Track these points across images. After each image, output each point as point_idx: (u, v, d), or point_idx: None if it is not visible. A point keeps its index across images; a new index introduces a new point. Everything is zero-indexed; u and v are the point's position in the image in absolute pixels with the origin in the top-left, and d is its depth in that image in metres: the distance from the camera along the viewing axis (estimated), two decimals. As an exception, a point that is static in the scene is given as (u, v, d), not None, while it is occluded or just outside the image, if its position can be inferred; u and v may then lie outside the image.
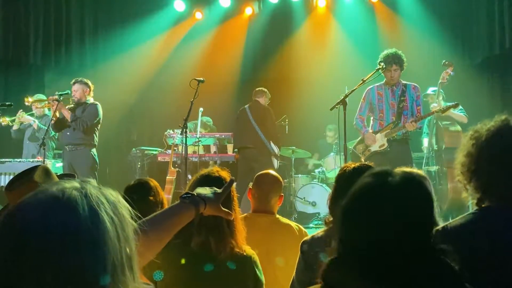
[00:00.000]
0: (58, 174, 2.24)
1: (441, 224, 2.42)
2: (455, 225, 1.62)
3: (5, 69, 7.62)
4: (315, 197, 6.99)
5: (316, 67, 8.16)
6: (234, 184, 2.00)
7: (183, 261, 1.89)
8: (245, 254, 2.00)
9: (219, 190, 1.49)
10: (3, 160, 6.01)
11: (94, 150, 5.92)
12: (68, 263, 0.79)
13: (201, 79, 5.30)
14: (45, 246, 0.78)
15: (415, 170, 2.44)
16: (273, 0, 8.38)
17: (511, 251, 1.52)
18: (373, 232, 1.12)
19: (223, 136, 6.91)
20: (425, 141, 6.38)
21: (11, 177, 2.58)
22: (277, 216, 2.67)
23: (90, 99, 5.96)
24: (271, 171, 2.81)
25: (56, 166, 6.21)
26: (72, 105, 5.91)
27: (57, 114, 5.82)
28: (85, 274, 0.80)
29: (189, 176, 6.33)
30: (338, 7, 8.41)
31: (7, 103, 5.76)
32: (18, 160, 6.13)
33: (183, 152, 5.49)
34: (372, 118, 5.30)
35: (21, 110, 6.39)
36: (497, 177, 1.58)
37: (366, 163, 2.25)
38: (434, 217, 1.18)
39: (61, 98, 5.70)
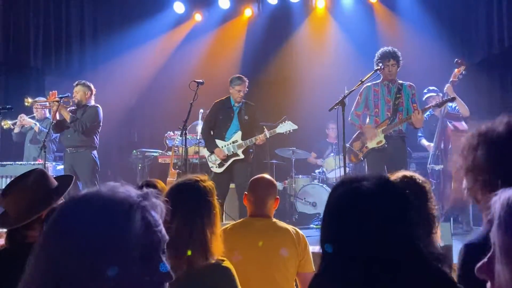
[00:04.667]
0: (55, 176, 2.20)
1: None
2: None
3: (6, 72, 7.65)
4: (315, 197, 6.98)
5: (316, 68, 8.16)
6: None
7: None
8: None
9: None
10: (4, 163, 6.04)
11: (95, 152, 5.95)
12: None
13: (201, 81, 5.32)
14: None
15: (408, 172, 2.39)
16: (272, 1, 8.39)
17: None
18: (354, 243, 1.14)
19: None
20: (423, 141, 6.39)
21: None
22: (274, 220, 2.69)
23: (91, 102, 5.99)
24: (266, 175, 2.81)
25: (57, 168, 6.24)
26: (73, 107, 5.95)
27: (57, 116, 5.85)
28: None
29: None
30: (337, 7, 8.43)
31: (7, 106, 5.78)
32: (19, 163, 6.17)
33: (183, 154, 5.50)
34: (368, 114, 5.34)
35: (23, 114, 6.44)
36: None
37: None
38: (410, 219, 1.16)
39: (61, 100, 5.73)
